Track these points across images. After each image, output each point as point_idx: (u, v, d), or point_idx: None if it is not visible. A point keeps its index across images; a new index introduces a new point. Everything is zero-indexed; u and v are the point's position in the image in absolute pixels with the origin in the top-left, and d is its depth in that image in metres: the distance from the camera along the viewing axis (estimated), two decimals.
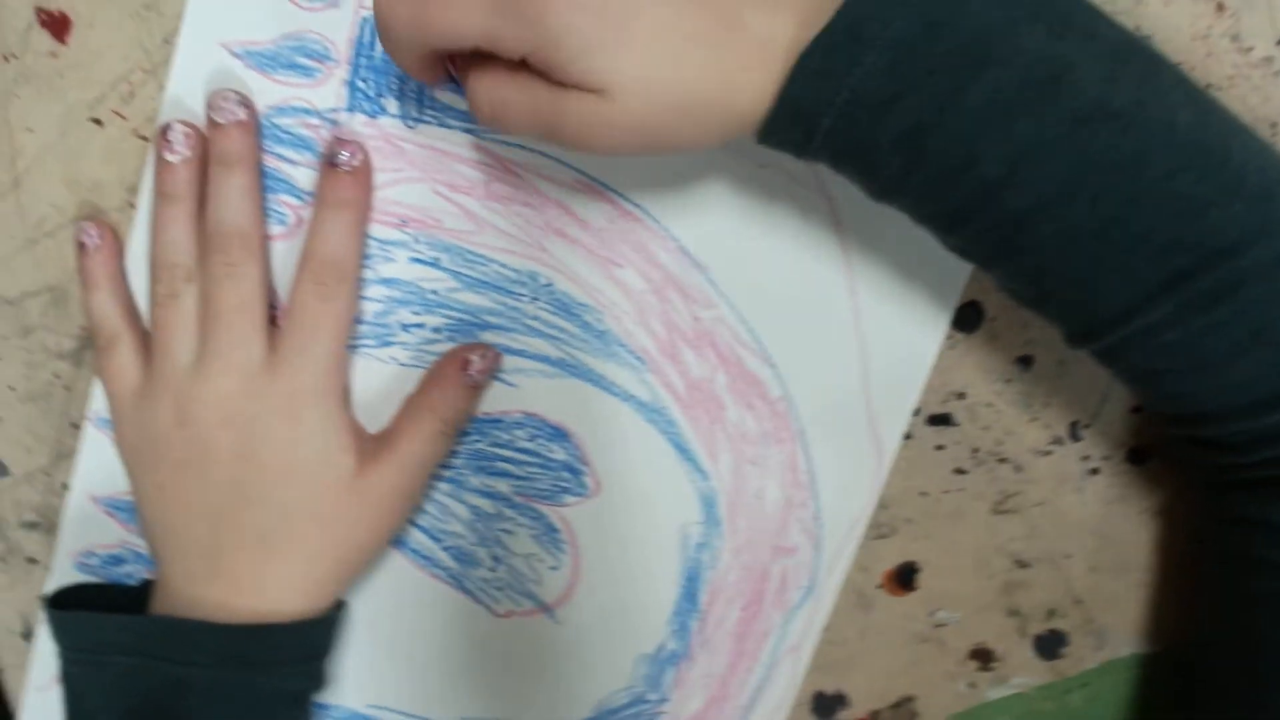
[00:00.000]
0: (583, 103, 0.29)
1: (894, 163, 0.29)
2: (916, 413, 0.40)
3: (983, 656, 0.44)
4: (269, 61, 0.38)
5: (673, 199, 0.38)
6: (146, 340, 0.40)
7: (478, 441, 0.41)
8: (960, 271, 0.38)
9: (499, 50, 0.29)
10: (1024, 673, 0.44)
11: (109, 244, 0.40)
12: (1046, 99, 0.27)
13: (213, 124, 0.37)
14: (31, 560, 0.45)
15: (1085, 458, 0.41)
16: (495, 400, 0.41)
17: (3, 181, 0.40)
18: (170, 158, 0.37)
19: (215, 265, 0.38)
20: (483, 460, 0.42)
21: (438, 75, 0.33)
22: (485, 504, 0.42)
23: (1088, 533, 0.42)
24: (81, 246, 0.40)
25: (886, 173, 0.29)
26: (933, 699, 0.45)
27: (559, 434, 0.41)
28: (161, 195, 0.38)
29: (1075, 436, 0.40)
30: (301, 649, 0.41)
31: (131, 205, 0.40)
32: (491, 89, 0.31)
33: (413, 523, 0.43)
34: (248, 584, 0.39)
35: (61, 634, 0.40)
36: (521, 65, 0.29)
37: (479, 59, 0.31)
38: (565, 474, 0.42)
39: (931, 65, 0.27)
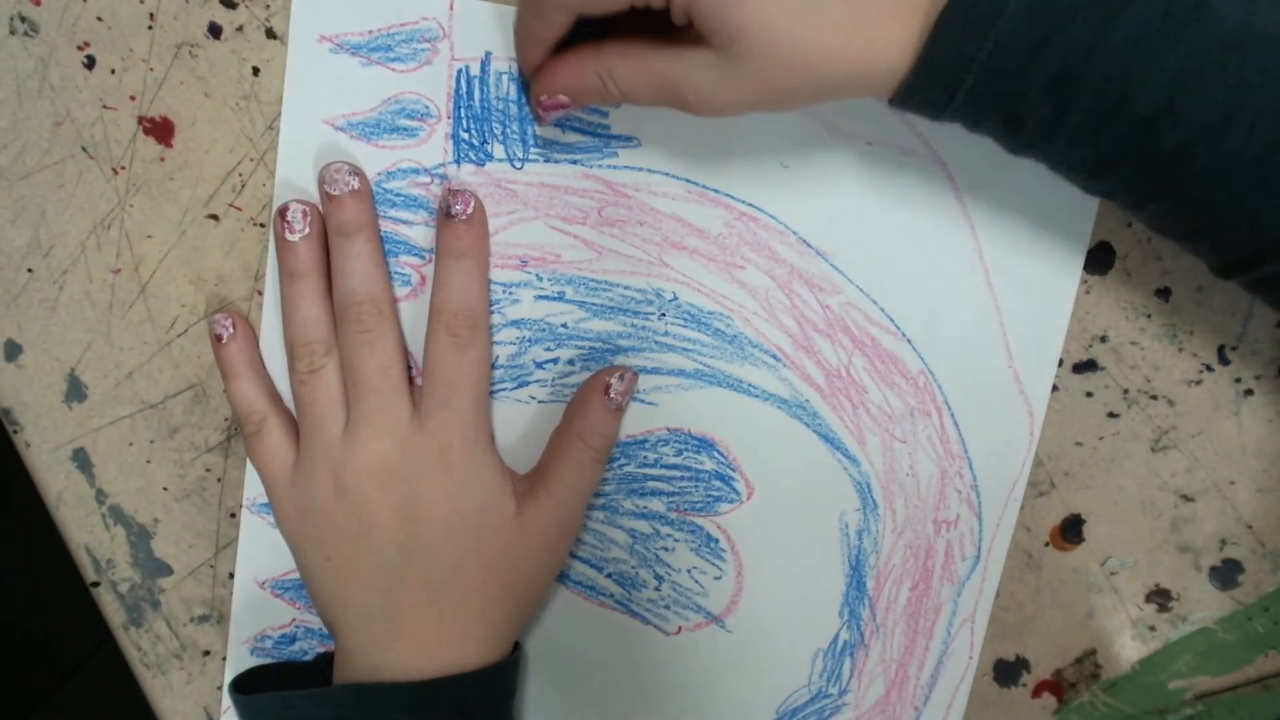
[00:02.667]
0: (703, 59, 0.29)
1: (1043, 111, 0.28)
2: (1061, 363, 0.40)
3: (1160, 598, 0.43)
4: (372, 129, 0.39)
5: (785, 192, 0.38)
6: (291, 420, 0.41)
7: (626, 465, 0.42)
8: (1087, 214, 0.38)
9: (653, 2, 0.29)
10: (1203, 607, 0.43)
11: (243, 332, 0.41)
12: (1193, 27, 0.27)
13: (327, 197, 0.38)
14: (206, 653, 0.46)
15: (1237, 380, 0.40)
16: (637, 421, 0.41)
17: (130, 290, 0.42)
18: (291, 237, 0.38)
19: (350, 334, 0.38)
20: (633, 482, 0.42)
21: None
22: (641, 525, 0.42)
23: (1249, 456, 0.41)
24: (217, 338, 0.40)
25: (1034, 122, 0.29)
26: (1115, 649, 0.44)
27: (705, 444, 0.41)
28: (288, 275, 0.39)
29: (1224, 360, 0.40)
30: (489, 695, 0.41)
31: (259, 293, 0.41)
32: (613, 62, 0.32)
33: (573, 555, 0.43)
34: (428, 639, 0.40)
35: (252, 718, 0.41)
36: (634, 38, 0.31)
37: (589, 46, 0.32)
38: (717, 483, 0.42)
39: (1074, 5, 0.27)
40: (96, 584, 0.45)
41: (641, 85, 0.32)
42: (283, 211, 0.38)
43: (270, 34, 0.39)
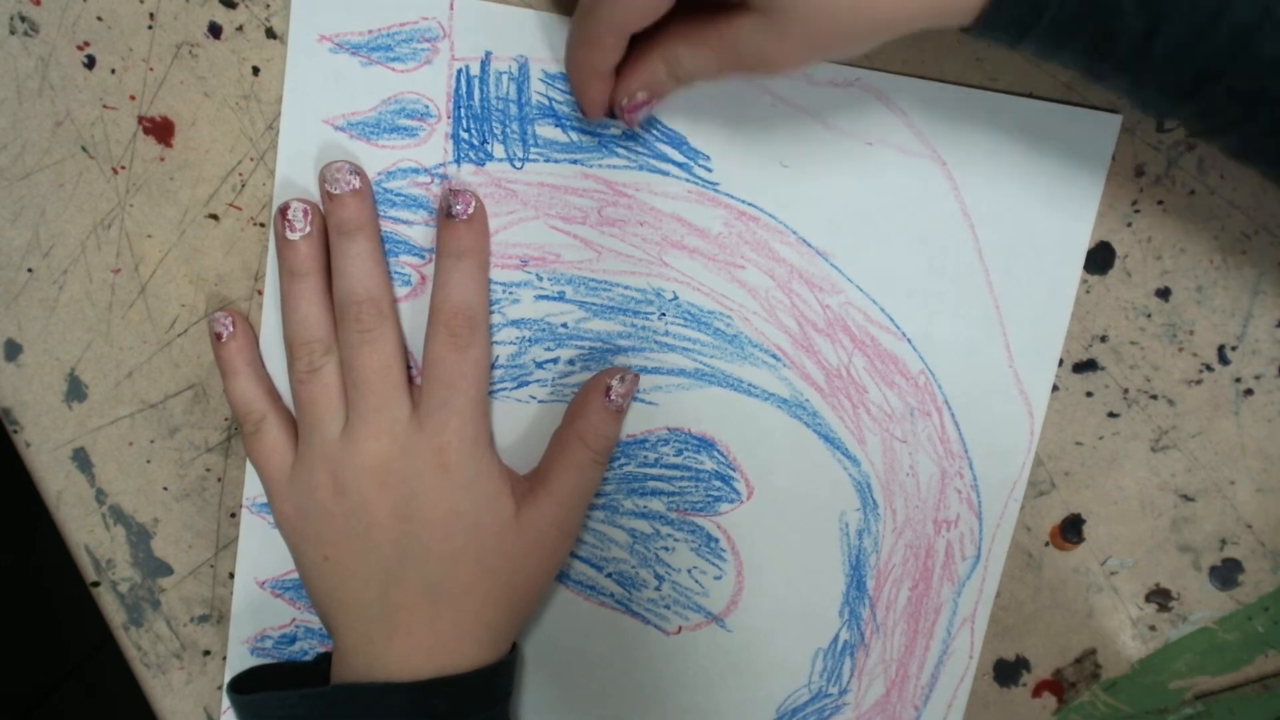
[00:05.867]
0: (751, 23, 0.30)
1: (1136, 25, 0.27)
2: (1061, 363, 0.40)
3: (1160, 597, 0.43)
4: (372, 129, 0.39)
5: (785, 192, 0.38)
6: (290, 419, 0.41)
7: (626, 464, 0.42)
8: (1087, 214, 0.38)
9: None
10: (1203, 607, 0.43)
11: (243, 330, 0.41)
12: None
13: (328, 196, 0.38)
14: (206, 653, 0.46)
15: (1237, 380, 0.40)
16: (638, 421, 0.41)
17: (130, 290, 0.42)
18: (292, 236, 0.38)
19: (350, 333, 0.38)
20: (634, 482, 0.42)
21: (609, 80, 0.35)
22: (642, 525, 0.42)
23: (1249, 455, 0.41)
24: (217, 336, 0.40)
25: (1127, 39, 0.28)
26: (1115, 649, 0.44)
27: (705, 444, 0.41)
28: (288, 274, 0.39)
29: (1224, 360, 0.40)
30: (485, 696, 0.41)
31: (259, 292, 0.41)
32: (674, 48, 0.32)
33: (573, 554, 0.43)
34: (424, 639, 0.40)
35: (249, 718, 0.41)
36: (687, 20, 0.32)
37: (649, 42, 0.33)
38: (717, 482, 0.42)
39: None
40: (96, 584, 0.45)
41: (704, 60, 0.32)
42: (284, 210, 0.38)
43: (270, 34, 0.39)
